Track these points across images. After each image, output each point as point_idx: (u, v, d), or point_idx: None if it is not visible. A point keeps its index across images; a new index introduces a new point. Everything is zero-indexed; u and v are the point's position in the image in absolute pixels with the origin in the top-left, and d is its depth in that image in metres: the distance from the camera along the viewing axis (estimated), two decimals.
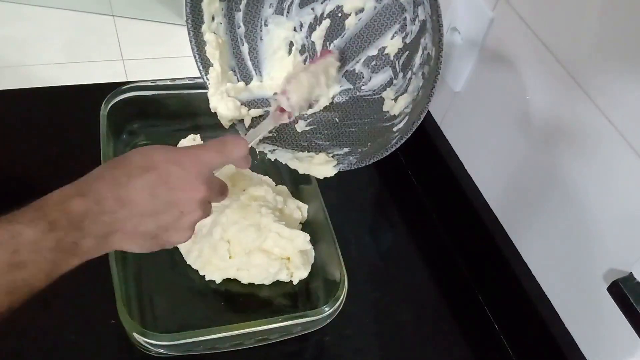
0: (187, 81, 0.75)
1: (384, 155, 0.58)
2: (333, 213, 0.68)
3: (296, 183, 0.75)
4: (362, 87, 0.66)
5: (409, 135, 0.56)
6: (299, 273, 0.67)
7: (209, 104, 0.63)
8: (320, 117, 0.67)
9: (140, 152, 0.48)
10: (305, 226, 0.72)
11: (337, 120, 0.66)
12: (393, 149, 0.57)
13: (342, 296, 0.60)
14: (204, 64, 0.64)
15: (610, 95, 0.52)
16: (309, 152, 0.64)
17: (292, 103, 0.61)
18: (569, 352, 0.59)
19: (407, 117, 0.59)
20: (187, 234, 0.50)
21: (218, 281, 0.66)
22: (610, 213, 0.54)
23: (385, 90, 0.64)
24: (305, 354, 0.65)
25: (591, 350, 0.59)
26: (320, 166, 0.62)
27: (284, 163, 0.63)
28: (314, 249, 0.68)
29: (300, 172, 0.63)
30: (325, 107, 0.67)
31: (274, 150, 0.64)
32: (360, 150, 0.62)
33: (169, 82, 0.76)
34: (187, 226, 0.49)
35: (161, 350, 0.56)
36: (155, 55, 2.08)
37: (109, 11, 2.20)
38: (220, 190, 0.52)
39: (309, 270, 0.67)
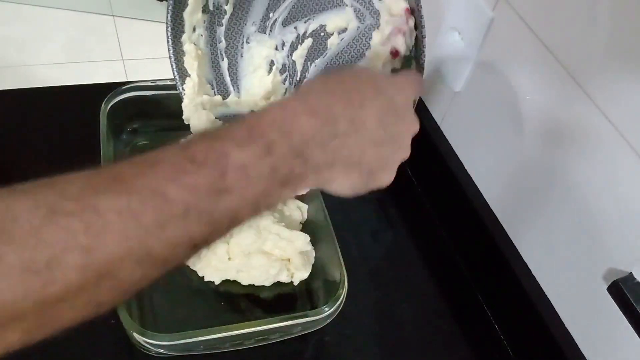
0: None
1: None
2: (333, 213, 0.68)
3: None
4: None
5: None
6: (300, 274, 0.67)
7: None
8: None
9: (360, 71, 0.42)
10: (305, 226, 0.72)
11: None
12: None
13: (342, 296, 0.60)
14: (181, 74, 0.63)
15: (610, 95, 0.52)
16: None
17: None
18: (569, 352, 0.59)
19: None
20: (393, 175, 0.45)
21: (217, 282, 0.66)
22: (610, 213, 0.54)
23: None
24: (305, 354, 0.65)
25: (591, 350, 0.59)
26: None
27: None
28: (314, 249, 0.68)
29: None
30: None
31: None
32: None
33: (169, 82, 0.76)
34: (396, 165, 0.44)
35: (161, 350, 0.56)
36: (155, 55, 2.07)
37: (109, 11, 2.20)
38: None
39: (310, 270, 0.67)
